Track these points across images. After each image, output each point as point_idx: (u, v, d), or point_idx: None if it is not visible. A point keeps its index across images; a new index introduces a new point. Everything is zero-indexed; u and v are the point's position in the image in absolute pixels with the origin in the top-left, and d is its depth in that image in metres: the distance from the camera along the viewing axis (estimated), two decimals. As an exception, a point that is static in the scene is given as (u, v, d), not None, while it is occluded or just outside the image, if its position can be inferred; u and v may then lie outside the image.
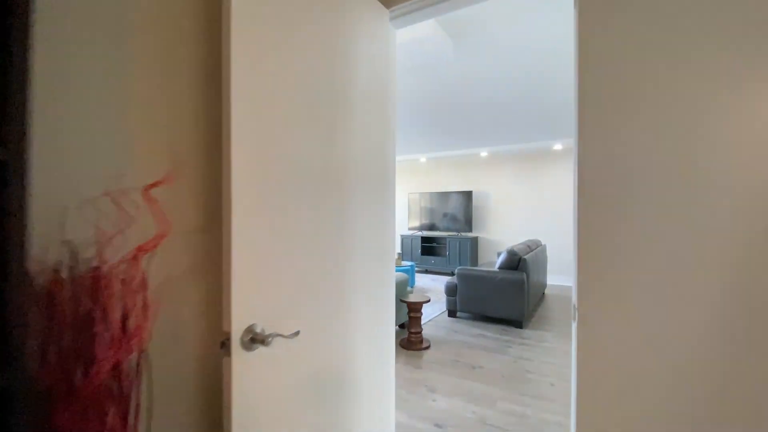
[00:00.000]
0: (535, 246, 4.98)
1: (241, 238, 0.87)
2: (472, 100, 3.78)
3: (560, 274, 6.44)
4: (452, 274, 7.34)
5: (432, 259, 7.30)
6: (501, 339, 3.60)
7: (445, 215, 7.34)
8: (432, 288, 5.95)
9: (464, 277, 4.18)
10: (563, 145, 5.88)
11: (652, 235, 0.98)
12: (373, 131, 1.37)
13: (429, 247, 7.57)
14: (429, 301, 3.35)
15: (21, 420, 0.59)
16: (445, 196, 7.37)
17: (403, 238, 7.66)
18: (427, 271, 7.55)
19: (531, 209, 6.71)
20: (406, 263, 5.96)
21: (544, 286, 5.44)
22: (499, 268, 4.08)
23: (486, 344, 3.46)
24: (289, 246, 1.01)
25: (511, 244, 6.87)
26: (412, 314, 3.33)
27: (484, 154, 6.56)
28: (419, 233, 7.64)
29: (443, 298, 5.10)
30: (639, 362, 0.99)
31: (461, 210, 7.16)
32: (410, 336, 3.34)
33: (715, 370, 0.92)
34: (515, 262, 3.99)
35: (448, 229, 7.33)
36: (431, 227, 7.52)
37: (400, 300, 3.38)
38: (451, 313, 4.33)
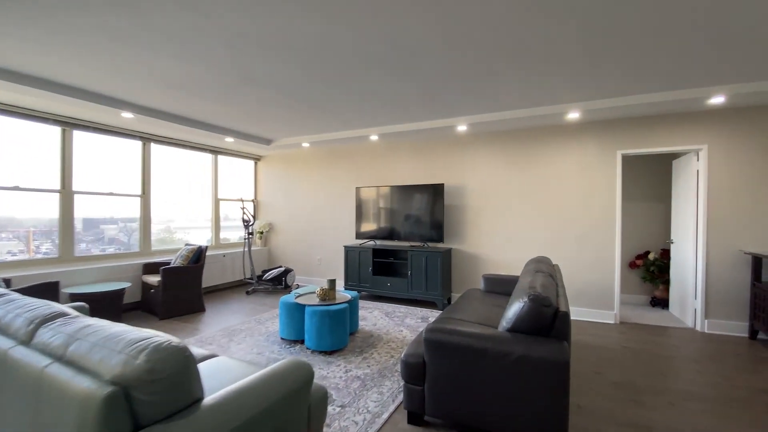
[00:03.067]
0: (553, 272, 2.96)
1: None
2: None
3: (571, 305, 4.51)
4: (415, 302, 5.21)
5: (388, 282, 5.15)
6: None
7: (407, 218, 5.23)
8: (384, 333, 3.78)
9: (440, 348, 2.04)
10: (583, 111, 3.91)
11: None
12: None
13: (384, 264, 5.42)
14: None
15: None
16: (407, 191, 5.25)
17: (348, 251, 5.44)
18: (380, 299, 5.38)
19: (529, 209, 4.75)
20: (347, 294, 3.76)
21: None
22: (513, 330, 1.99)
23: None
24: None
25: (500, 260, 4.87)
26: None
27: (461, 127, 4.50)
28: (371, 244, 5.47)
29: (402, 354, 2.95)
30: None
31: (428, 211, 5.08)
32: None
33: None
34: (547, 320, 1.91)
35: (411, 238, 5.22)
36: (391, 234, 5.37)
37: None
38: (414, 419, 2.18)
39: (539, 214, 4.66)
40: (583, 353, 3.34)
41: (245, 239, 5.83)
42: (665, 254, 5.02)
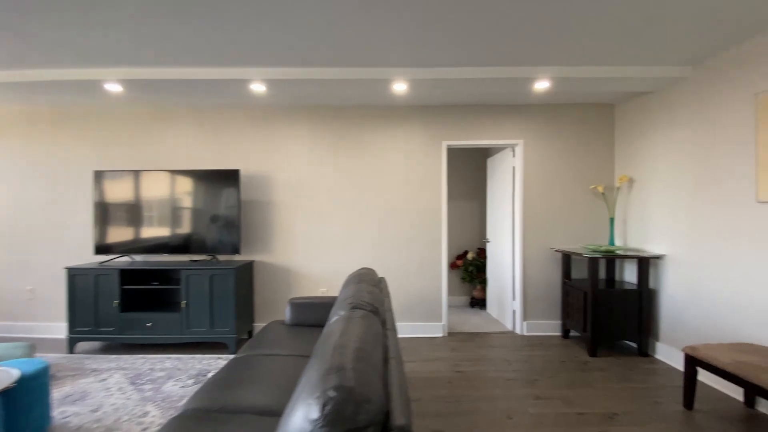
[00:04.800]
0: (380, 300, 1.96)
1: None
2: None
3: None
4: (196, 346, 3.18)
5: (148, 320, 3.30)
6: None
7: (183, 220, 3.51)
8: (108, 426, 2.07)
9: None
10: (409, 81, 3.11)
11: None
12: None
13: (142, 292, 3.54)
14: None
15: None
16: (182, 180, 3.53)
17: (75, 276, 3.28)
18: (137, 348, 3.47)
19: (354, 207, 3.79)
20: (11, 369, 1.86)
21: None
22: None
23: None
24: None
25: (319, 273, 3.77)
26: None
27: (258, 86, 3.11)
28: (126, 261, 3.50)
29: None
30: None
31: (216, 209, 3.52)
32: None
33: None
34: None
35: (189, 249, 3.52)
36: (156, 245, 3.52)
37: None
38: None
39: (366, 212, 3.77)
40: (417, 394, 2.50)
41: None
42: (482, 253, 4.96)
